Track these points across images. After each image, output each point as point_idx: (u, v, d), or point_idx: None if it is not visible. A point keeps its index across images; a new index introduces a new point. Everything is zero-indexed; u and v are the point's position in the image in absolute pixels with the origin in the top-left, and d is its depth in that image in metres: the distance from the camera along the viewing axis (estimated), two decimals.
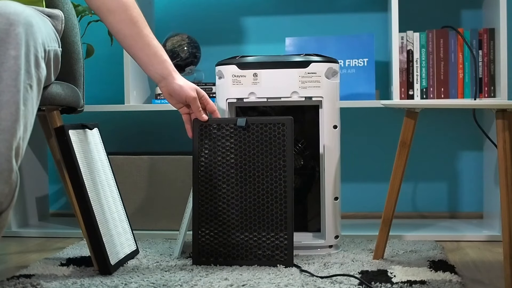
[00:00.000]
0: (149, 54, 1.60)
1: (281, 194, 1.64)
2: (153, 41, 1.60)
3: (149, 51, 1.60)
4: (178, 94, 1.63)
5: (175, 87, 1.62)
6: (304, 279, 1.50)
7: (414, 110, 1.61)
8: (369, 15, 2.34)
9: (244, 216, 1.65)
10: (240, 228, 1.65)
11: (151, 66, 1.61)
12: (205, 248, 1.65)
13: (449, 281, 1.46)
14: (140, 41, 1.59)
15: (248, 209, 1.65)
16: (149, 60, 1.61)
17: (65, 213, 2.48)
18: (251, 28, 2.39)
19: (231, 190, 1.65)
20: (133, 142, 2.46)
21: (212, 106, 1.68)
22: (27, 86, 1.17)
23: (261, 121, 1.66)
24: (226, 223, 1.65)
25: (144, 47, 1.60)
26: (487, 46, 2.08)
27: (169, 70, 1.61)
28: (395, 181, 1.65)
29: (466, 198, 2.33)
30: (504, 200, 1.40)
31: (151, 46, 1.60)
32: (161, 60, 1.61)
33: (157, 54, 1.60)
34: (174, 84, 1.62)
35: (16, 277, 1.56)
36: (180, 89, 1.62)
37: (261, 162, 1.65)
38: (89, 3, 1.59)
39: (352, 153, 2.35)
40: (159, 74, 1.62)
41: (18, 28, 1.16)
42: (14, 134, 1.12)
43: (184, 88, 1.62)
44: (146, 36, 1.59)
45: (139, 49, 1.60)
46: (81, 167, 1.57)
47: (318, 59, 1.76)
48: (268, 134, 1.65)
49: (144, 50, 1.60)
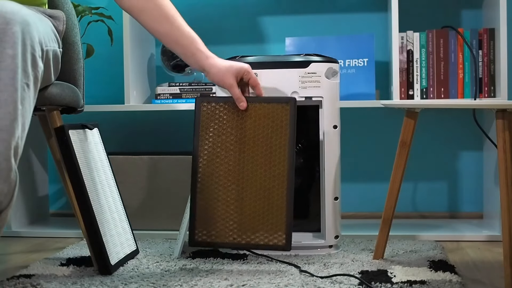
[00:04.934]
0: (183, 46, 1.60)
1: (281, 176, 1.62)
2: (185, 32, 1.60)
3: (183, 42, 1.60)
4: (220, 84, 1.63)
5: (213, 78, 1.62)
6: (304, 279, 1.49)
7: (414, 110, 1.61)
8: (369, 15, 2.34)
9: (243, 197, 1.63)
10: (238, 209, 1.63)
11: (187, 58, 1.62)
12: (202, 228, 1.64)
13: (449, 281, 1.46)
14: (174, 34, 1.60)
15: (247, 190, 1.63)
16: (183, 51, 1.62)
17: (65, 213, 2.48)
18: (251, 28, 2.39)
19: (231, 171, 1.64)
20: (133, 142, 2.46)
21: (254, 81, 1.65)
22: (24, 85, 1.17)
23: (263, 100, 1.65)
24: (225, 204, 1.63)
25: (178, 39, 1.60)
26: (487, 46, 2.08)
27: (203, 59, 1.61)
28: (395, 181, 1.65)
29: (466, 198, 2.33)
30: (504, 200, 1.40)
31: (185, 36, 1.60)
32: (194, 50, 1.60)
33: (191, 45, 1.60)
34: (212, 74, 1.61)
35: (16, 277, 1.56)
36: (217, 79, 1.62)
37: (263, 143, 1.64)
38: (120, 4, 1.60)
39: (352, 153, 2.35)
40: (196, 65, 1.63)
41: (15, 27, 1.16)
42: (13, 133, 1.12)
43: (223, 76, 1.61)
44: (178, 28, 1.59)
45: (174, 42, 1.61)
46: (81, 167, 1.57)
47: (318, 59, 1.76)
48: (270, 114, 1.64)
49: (178, 42, 1.60)
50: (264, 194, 1.63)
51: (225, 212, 1.64)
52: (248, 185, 1.64)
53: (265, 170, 1.63)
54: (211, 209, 1.64)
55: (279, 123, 1.64)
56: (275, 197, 1.62)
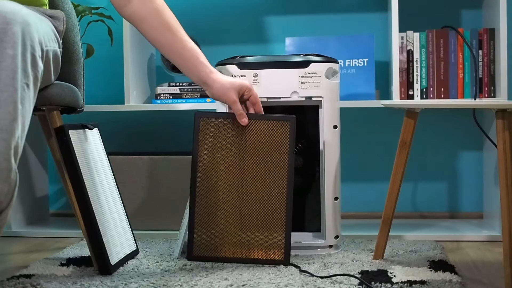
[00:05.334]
0: (185, 58, 1.57)
1: (281, 193, 1.64)
2: (188, 44, 1.57)
3: (185, 54, 1.56)
4: (220, 99, 1.61)
5: (216, 92, 1.59)
6: (304, 279, 1.49)
7: (414, 110, 1.61)
8: (369, 15, 2.34)
9: (242, 212, 1.64)
10: (237, 225, 1.64)
11: (189, 70, 1.58)
12: (201, 244, 1.65)
13: (449, 281, 1.46)
14: (175, 46, 1.56)
15: (246, 205, 1.64)
16: (185, 64, 1.58)
17: (65, 213, 2.48)
18: (251, 28, 2.39)
19: (230, 186, 1.65)
20: (133, 142, 2.45)
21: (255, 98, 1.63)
22: (24, 85, 1.17)
23: (264, 117, 1.65)
24: (223, 219, 1.65)
25: (179, 51, 1.57)
26: (487, 46, 2.08)
27: (206, 73, 1.57)
28: (395, 181, 1.65)
29: (466, 198, 2.33)
30: (504, 200, 1.40)
31: (187, 49, 1.57)
32: (197, 63, 1.57)
33: (193, 58, 1.57)
34: (213, 89, 1.59)
35: (16, 277, 1.55)
36: (220, 94, 1.59)
37: (262, 160, 1.65)
38: (120, 12, 1.58)
39: (352, 153, 2.35)
40: (198, 79, 1.59)
41: (15, 27, 1.16)
42: (13, 133, 1.12)
43: (224, 92, 1.58)
44: (180, 40, 1.56)
45: (175, 54, 1.57)
46: (81, 167, 1.57)
47: (318, 59, 1.76)
48: (270, 132, 1.65)
49: (180, 55, 1.57)
50: (263, 210, 1.65)
51: (225, 227, 1.65)
52: (247, 201, 1.65)
53: (265, 186, 1.64)
54: (210, 224, 1.65)
55: (279, 140, 1.65)
56: (274, 213, 1.64)
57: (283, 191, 1.64)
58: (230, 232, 1.65)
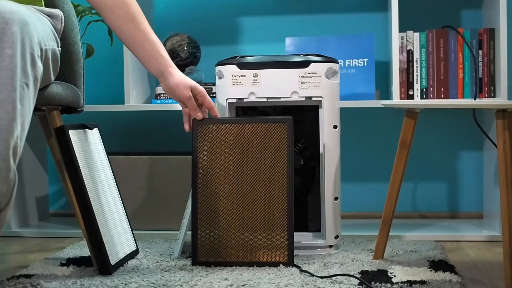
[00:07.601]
0: (146, 50, 1.62)
1: (281, 194, 1.64)
2: (150, 37, 1.62)
3: (147, 47, 1.62)
4: (173, 92, 1.65)
5: (170, 84, 1.64)
6: (304, 279, 1.49)
7: (414, 110, 1.61)
8: (369, 15, 2.34)
9: (244, 216, 1.65)
10: (240, 229, 1.65)
11: (149, 62, 1.63)
12: (204, 249, 1.65)
13: (449, 281, 1.46)
14: (138, 37, 1.61)
15: (248, 209, 1.65)
16: (146, 55, 1.63)
17: (65, 213, 2.48)
18: (251, 28, 2.39)
19: (231, 190, 1.65)
20: (133, 142, 2.45)
21: (209, 103, 1.68)
22: (24, 85, 1.17)
23: (261, 120, 1.66)
24: (226, 223, 1.65)
25: (142, 43, 1.61)
26: (487, 46, 2.08)
27: (165, 65, 1.63)
28: (395, 181, 1.65)
29: (466, 198, 2.33)
30: (504, 200, 1.40)
31: (148, 42, 1.61)
32: (157, 56, 1.62)
33: (154, 50, 1.62)
34: (169, 81, 1.64)
35: (16, 277, 1.55)
36: (174, 87, 1.64)
37: (261, 162, 1.65)
38: (89, 1, 1.61)
39: (352, 153, 2.35)
40: (156, 70, 1.64)
41: (14, 27, 1.16)
42: (12, 133, 1.12)
43: (179, 86, 1.63)
44: (143, 32, 1.61)
45: (137, 45, 1.62)
46: (81, 167, 1.57)
47: (318, 59, 1.76)
48: (268, 134, 1.65)
49: (142, 46, 1.62)
50: (265, 212, 1.65)
51: (227, 232, 1.65)
52: (248, 204, 1.65)
53: (265, 189, 1.64)
54: (213, 229, 1.65)
55: (277, 142, 1.65)
56: (276, 215, 1.64)
57: (284, 192, 1.64)
58: (233, 235, 1.65)
